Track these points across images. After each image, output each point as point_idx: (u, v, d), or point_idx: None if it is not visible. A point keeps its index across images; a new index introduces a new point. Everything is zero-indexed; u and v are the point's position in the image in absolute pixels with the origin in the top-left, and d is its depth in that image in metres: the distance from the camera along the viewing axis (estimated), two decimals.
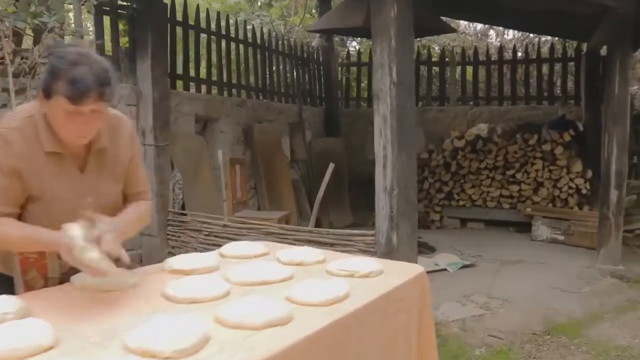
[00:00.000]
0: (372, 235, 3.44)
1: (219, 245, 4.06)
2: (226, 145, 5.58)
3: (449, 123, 7.27)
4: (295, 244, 3.81)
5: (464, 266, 4.87)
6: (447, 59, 7.56)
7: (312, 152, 7.15)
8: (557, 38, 7.52)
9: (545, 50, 7.32)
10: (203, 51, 5.53)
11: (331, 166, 4.06)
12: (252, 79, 6.26)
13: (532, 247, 5.84)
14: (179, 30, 5.10)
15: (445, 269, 4.77)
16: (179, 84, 5.13)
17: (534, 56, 7.27)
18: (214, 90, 5.64)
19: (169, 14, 4.97)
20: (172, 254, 4.32)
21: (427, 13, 5.37)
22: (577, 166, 6.35)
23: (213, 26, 5.60)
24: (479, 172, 6.78)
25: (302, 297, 1.53)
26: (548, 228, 6.12)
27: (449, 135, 6.95)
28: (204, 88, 5.48)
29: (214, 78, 5.64)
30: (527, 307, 3.88)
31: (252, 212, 4.77)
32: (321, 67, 7.61)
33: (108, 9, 4.30)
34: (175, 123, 4.89)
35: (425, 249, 5.91)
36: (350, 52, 8.02)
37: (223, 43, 5.74)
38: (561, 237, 6.01)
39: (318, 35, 7.55)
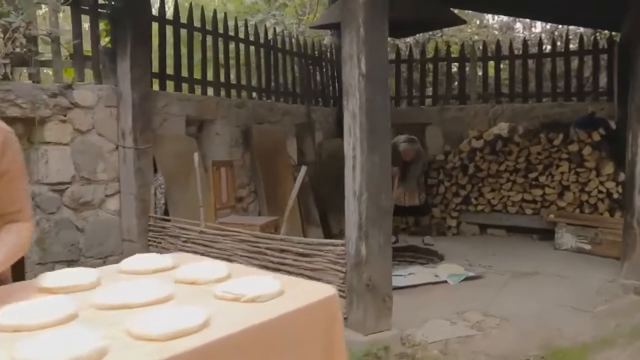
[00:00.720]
0: (342, 245, 3.12)
1: (197, 252, 3.86)
2: (223, 147, 5.38)
3: (469, 122, 6.81)
4: (267, 253, 3.56)
5: (468, 278, 4.45)
6: (467, 55, 7.09)
7: (322, 154, 6.85)
8: (586, 29, 6.90)
9: (574, 42, 6.71)
10: (197, 51, 5.35)
11: (303, 169, 3.77)
12: (254, 79, 6.03)
13: (554, 257, 5.32)
14: (169, 29, 4.93)
15: (446, 281, 4.37)
16: (170, 84, 4.97)
17: (562, 49, 6.70)
18: (210, 91, 5.45)
19: (157, 12, 4.83)
20: None
21: (434, 3, 5.00)
22: (608, 168, 5.76)
23: (214, 26, 5.44)
24: (498, 175, 6.29)
25: (140, 329, 1.25)
26: (573, 236, 5.57)
27: (469, 135, 6.50)
28: (199, 89, 5.29)
29: (210, 78, 5.44)
30: (527, 327, 3.44)
31: (238, 217, 4.53)
32: (334, 66, 7.30)
33: (87, 8, 4.17)
34: (163, 125, 4.72)
35: (435, 257, 5.52)
36: None
37: (221, 43, 5.54)
38: (588, 247, 5.46)
39: (330, 33, 7.25)
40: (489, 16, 8.52)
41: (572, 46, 6.59)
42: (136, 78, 4.20)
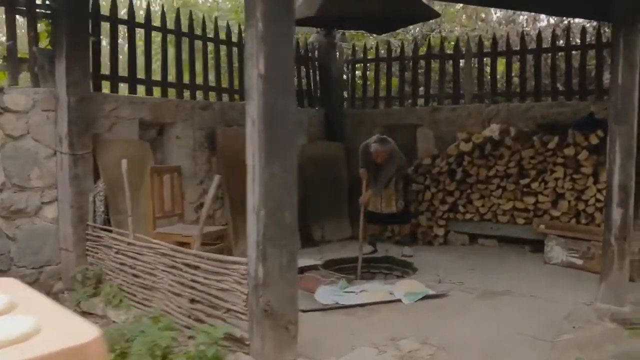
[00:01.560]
0: (246, 264, 2.82)
1: (125, 264, 3.65)
2: (184, 151, 5.17)
3: (462, 123, 6.33)
4: (182, 268, 3.29)
5: (428, 297, 4.05)
6: (462, 51, 6.61)
7: (303, 158, 6.53)
8: (591, 22, 6.30)
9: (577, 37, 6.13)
10: (159, 51, 5.15)
11: (217, 178, 3.48)
12: (226, 80, 5.80)
13: (538, 273, 4.83)
14: (123, 29, 4.75)
15: (401, 300, 3.98)
16: (122, 87, 4.79)
17: (562, 43, 6.13)
18: (173, 93, 5.24)
19: (110, 12, 4.65)
20: (88, 270, 3.97)
21: None
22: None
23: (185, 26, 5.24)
24: (488, 181, 5.81)
25: None
26: (564, 249, 5.06)
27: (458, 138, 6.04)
28: (158, 91, 5.10)
29: (173, 80, 5.23)
30: (466, 359, 3.04)
31: (181, 227, 4.28)
32: (321, 65, 6.98)
33: (24, 8, 4.03)
34: (112, 129, 4.54)
35: (410, 270, 5.13)
36: (357, 47, 7.30)
37: (186, 43, 5.33)
38: (579, 262, 4.94)
39: (316, 30, 6.92)
40: (493, 10, 7.94)
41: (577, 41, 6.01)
42: (73, 81, 4.03)
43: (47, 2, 4.02)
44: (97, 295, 3.85)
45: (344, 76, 7.27)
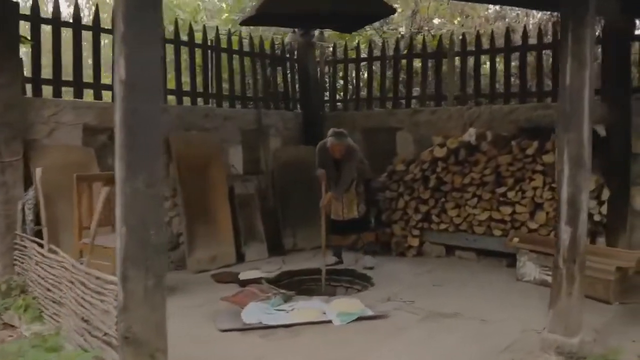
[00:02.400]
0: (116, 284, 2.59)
1: (40, 276, 3.50)
2: None
3: (442, 127, 5.93)
4: (75, 284, 3.11)
5: (364, 317, 3.72)
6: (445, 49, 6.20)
7: (276, 163, 6.30)
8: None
9: None
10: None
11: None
12: (187, 82, 5.61)
13: (504, 292, 4.41)
14: (67, 31, 4.62)
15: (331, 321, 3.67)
16: (66, 91, 4.67)
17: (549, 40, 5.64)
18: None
19: (52, 15, 4.54)
20: (12, 281, 3.85)
21: None
22: (590, 183, 4.70)
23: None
24: (464, 189, 5.40)
25: None
26: (536, 266, 4.63)
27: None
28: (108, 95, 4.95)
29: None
30: None
31: (109, 238, 4.08)
32: (300, 66, 6.71)
33: None
34: (52, 134, 4.43)
35: (368, 284, 4.82)
36: (338, 46, 6.99)
37: None
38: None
39: (292, 30, 6.65)
40: (479, 6, 7.42)
41: None
42: (1, 85, 3.91)
43: None
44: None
45: (325, 77, 6.96)
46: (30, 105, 4.27)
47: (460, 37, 6.10)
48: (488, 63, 6.16)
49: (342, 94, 6.96)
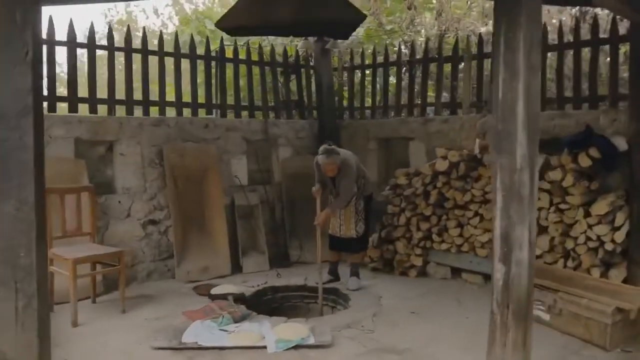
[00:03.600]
0: None
1: None
2: (132, 168, 5.17)
3: (454, 137, 5.46)
4: None
5: (303, 345, 3.50)
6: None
7: (283, 173, 6.19)
8: (603, 10, 4.95)
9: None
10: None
11: None
12: (189, 94, 5.69)
13: (484, 328, 3.90)
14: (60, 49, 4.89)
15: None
16: (61, 106, 4.93)
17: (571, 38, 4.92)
18: (121, 111, 5.29)
19: (47, 34, 4.81)
20: None
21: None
22: (600, 206, 4.07)
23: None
24: (466, 207, 4.92)
25: None
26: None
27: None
28: (103, 109, 5.17)
29: (122, 97, 5.27)
30: None
31: (77, 248, 4.22)
32: (311, 73, 6.55)
33: None
34: (45, 147, 4.68)
35: (346, 304, 4.57)
36: (356, 52, 6.69)
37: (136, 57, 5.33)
38: (546, 316, 3.92)
39: (304, 37, 6.49)
40: None
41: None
42: None
43: None
44: None
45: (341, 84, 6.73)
46: None
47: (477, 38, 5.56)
48: None
49: (359, 101, 6.66)
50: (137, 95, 5.35)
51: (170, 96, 5.63)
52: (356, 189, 4.84)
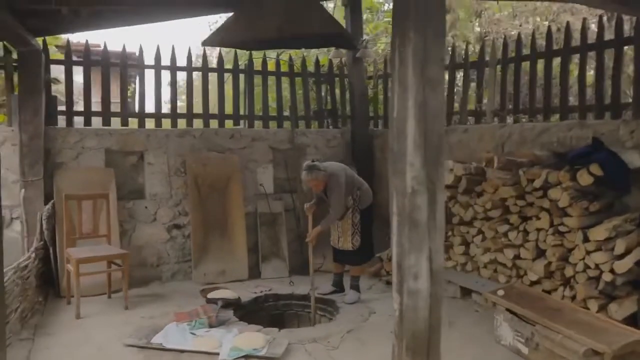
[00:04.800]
0: None
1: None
2: (159, 176, 5.63)
3: (474, 148, 5.14)
4: None
5: (254, 356, 3.58)
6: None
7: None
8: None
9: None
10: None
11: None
12: (216, 106, 6.02)
13: (458, 357, 3.66)
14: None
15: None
16: (96, 120, 5.52)
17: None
18: (151, 123, 5.77)
19: (83, 56, 5.43)
20: None
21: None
22: (599, 231, 3.60)
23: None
24: (470, 223, 4.62)
25: None
26: (511, 330, 3.72)
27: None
28: (135, 122, 5.70)
29: (151, 111, 5.75)
30: None
31: (88, 249, 4.69)
32: (343, 82, 6.54)
33: (3, 63, 5.10)
34: (78, 158, 5.32)
35: (332, 317, 4.57)
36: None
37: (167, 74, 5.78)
38: (525, 349, 3.58)
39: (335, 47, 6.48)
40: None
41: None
42: (25, 120, 4.92)
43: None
44: None
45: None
46: (58, 134, 5.22)
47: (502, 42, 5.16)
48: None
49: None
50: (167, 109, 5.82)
51: (198, 108, 5.99)
52: (351, 201, 4.79)
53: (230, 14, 4.55)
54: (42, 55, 5.01)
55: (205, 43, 4.30)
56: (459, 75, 5.71)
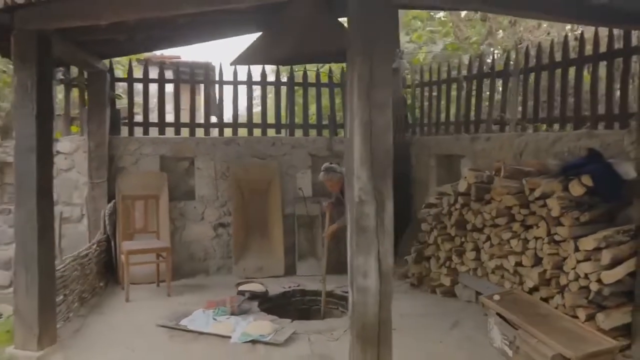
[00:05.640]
0: None
1: None
2: (206, 180, 6.30)
3: (496, 156, 5.24)
4: None
5: (259, 341, 4.05)
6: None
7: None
8: None
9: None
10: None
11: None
12: (259, 116, 6.59)
13: (447, 357, 3.88)
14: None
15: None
16: (153, 130, 6.30)
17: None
18: (201, 132, 6.45)
19: (142, 75, 6.22)
20: None
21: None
22: (587, 241, 3.67)
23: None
24: (481, 230, 4.77)
25: None
26: (500, 333, 3.88)
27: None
28: (186, 131, 6.41)
29: (201, 121, 6.43)
30: None
31: (140, 242, 5.42)
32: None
33: (76, 83, 6.02)
34: (137, 163, 6.12)
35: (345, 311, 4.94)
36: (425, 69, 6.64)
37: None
38: (509, 352, 3.73)
39: None
40: None
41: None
42: (92, 131, 5.78)
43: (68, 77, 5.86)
44: None
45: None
46: (120, 142, 6.05)
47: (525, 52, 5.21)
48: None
49: (427, 117, 6.70)
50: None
51: (242, 119, 6.60)
52: None
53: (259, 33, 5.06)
54: (107, 75, 5.85)
55: (233, 63, 4.85)
56: (487, 84, 5.79)
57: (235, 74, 6.47)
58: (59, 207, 5.87)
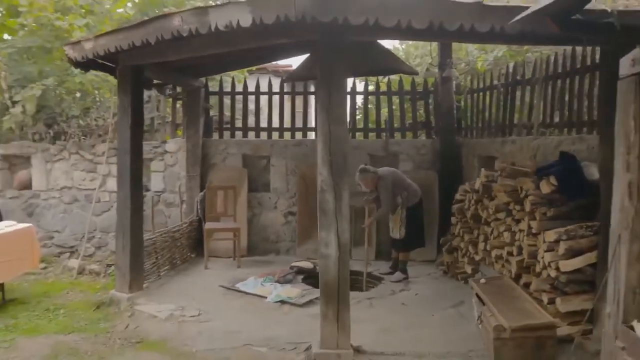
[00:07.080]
0: None
1: None
2: (278, 175, 7.55)
3: (518, 158, 5.71)
4: None
5: (286, 301, 5.14)
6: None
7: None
8: None
9: None
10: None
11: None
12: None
13: (437, 328, 4.59)
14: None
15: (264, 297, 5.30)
16: (238, 134, 7.71)
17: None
18: (276, 135, 7.72)
19: (231, 88, 7.66)
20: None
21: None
22: (549, 234, 4.19)
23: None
24: (489, 223, 5.34)
25: None
26: (477, 311, 4.52)
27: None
28: (265, 134, 7.72)
29: (276, 125, 7.71)
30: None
31: (219, 223, 6.82)
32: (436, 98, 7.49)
33: (180, 97, 7.66)
34: (225, 160, 7.59)
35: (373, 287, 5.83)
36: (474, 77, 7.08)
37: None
38: (480, 326, 4.37)
39: (425, 68, 7.42)
40: None
41: None
42: (189, 135, 7.35)
43: (174, 90, 7.45)
44: None
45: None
46: (212, 144, 7.55)
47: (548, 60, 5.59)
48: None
49: (476, 121, 7.20)
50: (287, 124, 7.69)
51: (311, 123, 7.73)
52: (400, 200, 5.93)
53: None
54: (201, 90, 7.39)
55: (286, 80, 6.00)
56: (518, 92, 6.19)
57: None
58: (166, 195, 7.56)
